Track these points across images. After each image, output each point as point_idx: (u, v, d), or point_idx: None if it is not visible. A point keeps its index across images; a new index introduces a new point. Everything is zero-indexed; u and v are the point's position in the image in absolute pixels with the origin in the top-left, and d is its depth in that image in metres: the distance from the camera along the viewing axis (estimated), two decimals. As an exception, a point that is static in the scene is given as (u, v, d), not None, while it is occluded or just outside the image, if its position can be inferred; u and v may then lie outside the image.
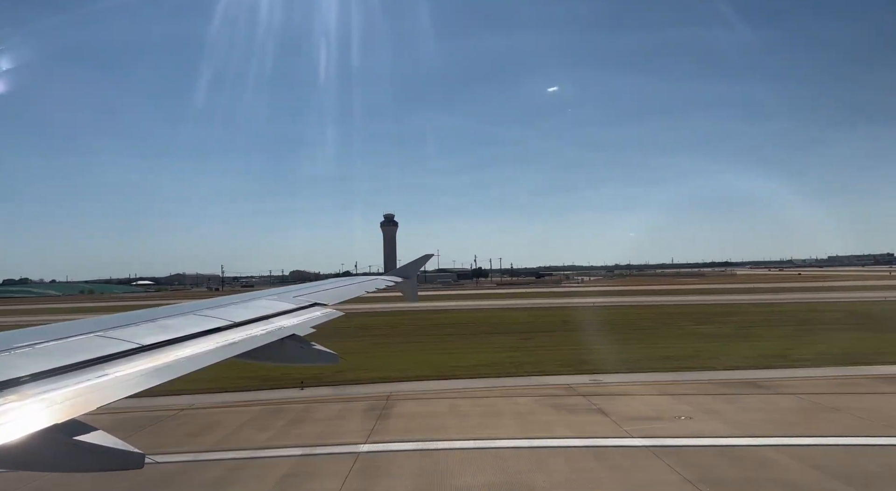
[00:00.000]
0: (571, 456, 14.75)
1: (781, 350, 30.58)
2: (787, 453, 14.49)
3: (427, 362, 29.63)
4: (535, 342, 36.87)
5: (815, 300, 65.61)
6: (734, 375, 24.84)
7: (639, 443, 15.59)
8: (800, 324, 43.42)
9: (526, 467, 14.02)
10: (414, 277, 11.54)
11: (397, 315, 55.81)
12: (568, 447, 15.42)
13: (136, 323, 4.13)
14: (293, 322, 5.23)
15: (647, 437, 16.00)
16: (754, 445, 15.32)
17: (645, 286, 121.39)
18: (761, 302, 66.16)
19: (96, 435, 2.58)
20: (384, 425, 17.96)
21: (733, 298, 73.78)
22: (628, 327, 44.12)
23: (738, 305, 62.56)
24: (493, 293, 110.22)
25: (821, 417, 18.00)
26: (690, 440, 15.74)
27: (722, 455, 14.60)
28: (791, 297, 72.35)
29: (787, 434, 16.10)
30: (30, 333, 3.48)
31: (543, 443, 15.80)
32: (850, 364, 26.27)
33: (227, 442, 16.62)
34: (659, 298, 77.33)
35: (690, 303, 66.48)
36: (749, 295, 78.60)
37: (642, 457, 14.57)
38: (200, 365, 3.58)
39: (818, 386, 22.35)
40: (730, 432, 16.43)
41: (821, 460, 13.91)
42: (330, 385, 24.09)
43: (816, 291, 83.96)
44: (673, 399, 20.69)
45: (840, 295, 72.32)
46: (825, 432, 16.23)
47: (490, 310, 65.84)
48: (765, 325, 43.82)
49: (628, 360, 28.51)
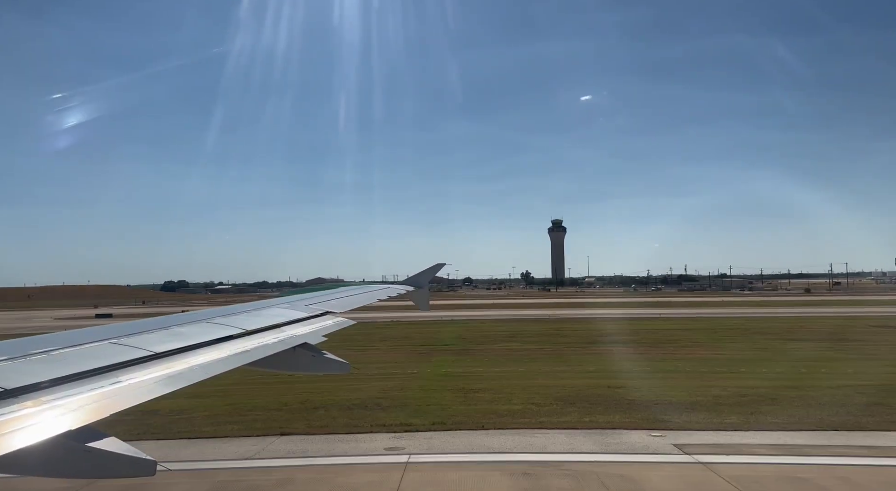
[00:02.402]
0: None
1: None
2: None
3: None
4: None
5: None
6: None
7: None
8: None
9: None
10: (426, 285, 11.53)
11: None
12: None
13: (149, 330, 4.17)
14: (305, 330, 5.25)
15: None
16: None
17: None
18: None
19: (109, 442, 2.59)
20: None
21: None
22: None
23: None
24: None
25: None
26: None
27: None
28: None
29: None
30: (45, 340, 3.52)
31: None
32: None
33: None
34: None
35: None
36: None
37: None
38: (213, 373, 3.60)
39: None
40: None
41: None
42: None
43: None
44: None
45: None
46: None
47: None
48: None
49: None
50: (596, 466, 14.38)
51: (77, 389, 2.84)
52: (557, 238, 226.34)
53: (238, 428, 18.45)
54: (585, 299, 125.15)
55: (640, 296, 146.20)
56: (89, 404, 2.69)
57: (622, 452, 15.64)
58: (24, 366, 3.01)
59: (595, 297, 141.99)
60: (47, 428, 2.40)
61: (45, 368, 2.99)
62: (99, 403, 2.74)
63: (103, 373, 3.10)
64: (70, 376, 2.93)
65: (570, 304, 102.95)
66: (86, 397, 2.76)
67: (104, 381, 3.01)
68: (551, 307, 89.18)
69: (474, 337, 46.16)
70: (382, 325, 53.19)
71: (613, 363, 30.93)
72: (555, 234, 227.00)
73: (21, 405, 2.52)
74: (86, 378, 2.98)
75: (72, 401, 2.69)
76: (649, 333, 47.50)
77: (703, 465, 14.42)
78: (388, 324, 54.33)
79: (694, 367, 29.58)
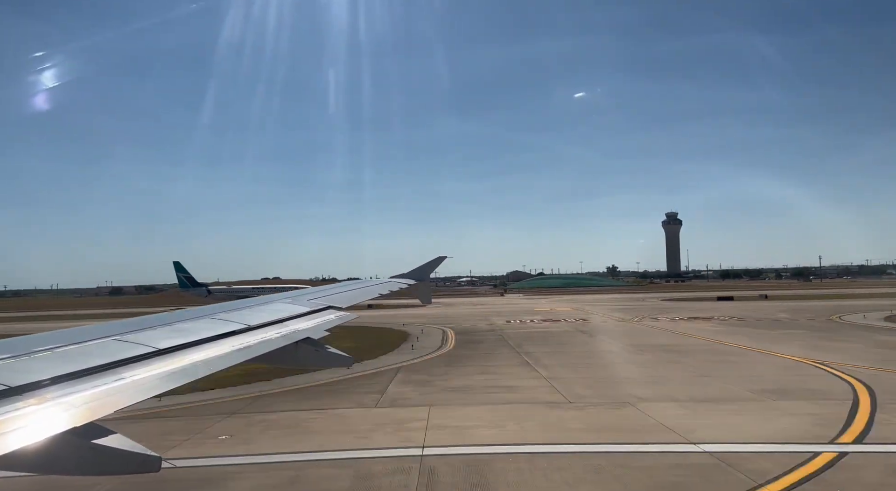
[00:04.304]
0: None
1: None
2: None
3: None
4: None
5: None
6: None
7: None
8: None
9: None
10: (428, 279, 11.53)
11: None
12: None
13: (152, 327, 4.17)
14: (307, 325, 5.25)
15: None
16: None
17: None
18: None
19: (114, 438, 2.60)
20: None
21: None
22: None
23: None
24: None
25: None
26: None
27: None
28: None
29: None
30: (49, 337, 3.53)
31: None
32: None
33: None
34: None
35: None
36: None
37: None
38: (216, 368, 3.60)
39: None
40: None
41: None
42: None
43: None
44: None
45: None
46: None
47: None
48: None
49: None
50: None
51: (81, 386, 2.84)
52: (672, 231, 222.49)
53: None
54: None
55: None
56: (93, 401, 2.70)
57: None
58: (27, 364, 3.01)
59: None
60: (51, 425, 2.40)
61: (48, 365, 2.99)
62: (102, 400, 2.74)
63: (107, 370, 3.10)
64: (74, 373, 2.93)
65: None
66: (89, 394, 2.77)
67: (108, 377, 3.01)
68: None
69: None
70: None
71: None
72: (669, 227, 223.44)
73: (25, 403, 2.52)
74: (89, 375, 2.98)
75: (75, 398, 2.69)
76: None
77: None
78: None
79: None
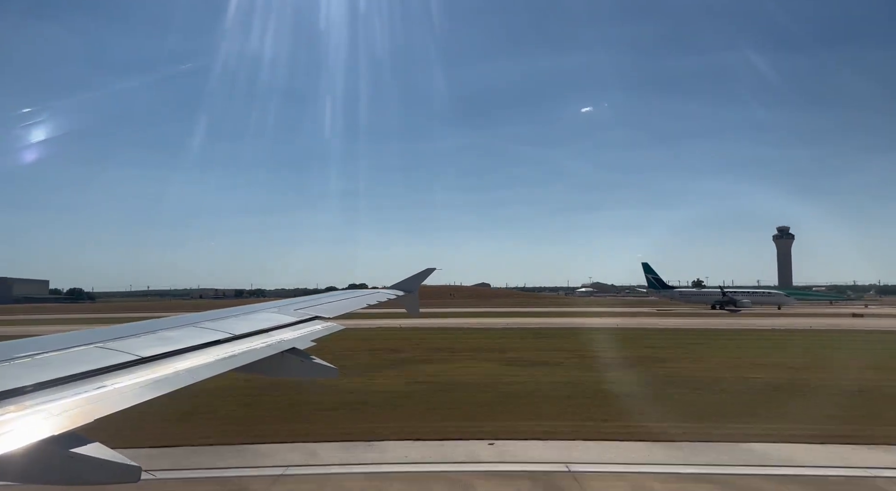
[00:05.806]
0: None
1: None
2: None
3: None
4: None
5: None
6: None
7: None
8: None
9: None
10: (416, 290, 11.52)
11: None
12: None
13: (135, 335, 4.13)
14: (293, 335, 5.22)
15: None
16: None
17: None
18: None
19: (93, 447, 2.56)
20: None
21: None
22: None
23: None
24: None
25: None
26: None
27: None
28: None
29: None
30: (30, 344, 3.49)
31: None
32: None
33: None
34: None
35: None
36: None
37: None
38: (201, 377, 3.58)
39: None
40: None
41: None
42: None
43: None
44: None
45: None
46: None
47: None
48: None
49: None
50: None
51: (61, 393, 2.81)
52: (784, 246, 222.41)
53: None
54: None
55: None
56: (73, 409, 2.66)
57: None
58: (7, 370, 2.97)
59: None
60: (29, 433, 2.37)
61: (29, 371, 2.96)
62: (83, 407, 2.71)
63: (89, 377, 3.07)
64: (55, 380, 2.90)
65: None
66: (70, 402, 2.73)
67: (89, 385, 2.98)
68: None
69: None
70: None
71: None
72: (781, 242, 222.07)
73: (4, 410, 2.49)
74: (71, 382, 2.95)
75: (55, 405, 2.66)
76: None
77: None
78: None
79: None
